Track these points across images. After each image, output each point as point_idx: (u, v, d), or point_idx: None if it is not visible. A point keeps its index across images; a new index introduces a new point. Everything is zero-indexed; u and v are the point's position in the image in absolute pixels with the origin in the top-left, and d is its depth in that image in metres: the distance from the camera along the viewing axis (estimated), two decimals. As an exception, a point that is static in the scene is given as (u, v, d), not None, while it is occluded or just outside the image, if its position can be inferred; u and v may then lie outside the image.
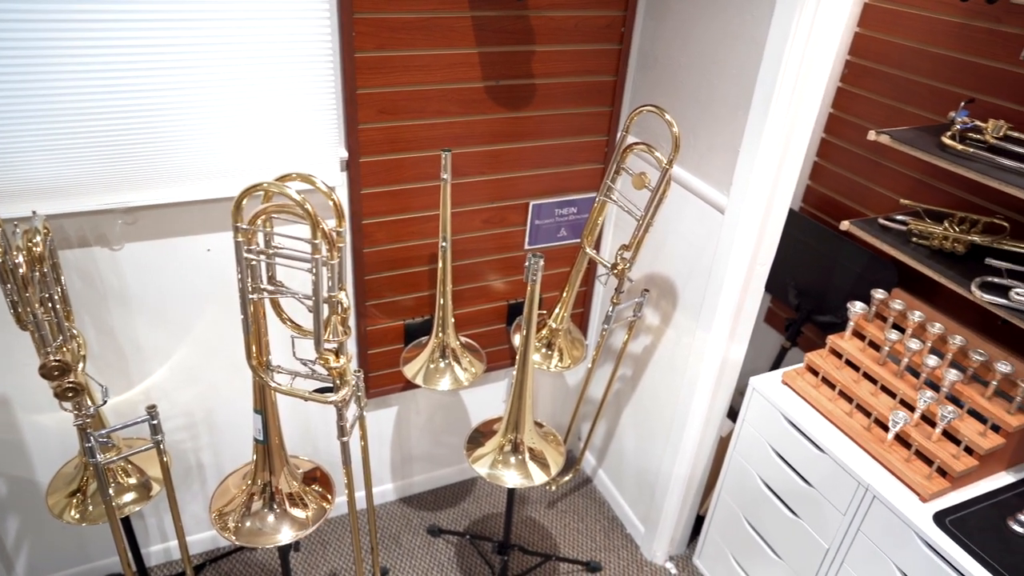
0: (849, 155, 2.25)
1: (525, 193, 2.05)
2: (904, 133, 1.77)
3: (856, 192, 2.25)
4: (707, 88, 1.73)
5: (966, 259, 1.74)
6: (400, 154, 1.84)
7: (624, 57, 1.93)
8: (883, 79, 2.10)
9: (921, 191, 2.03)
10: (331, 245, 1.23)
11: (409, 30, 1.68)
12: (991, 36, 1.79)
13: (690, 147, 1.83)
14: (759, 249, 1.72)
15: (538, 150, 1.98)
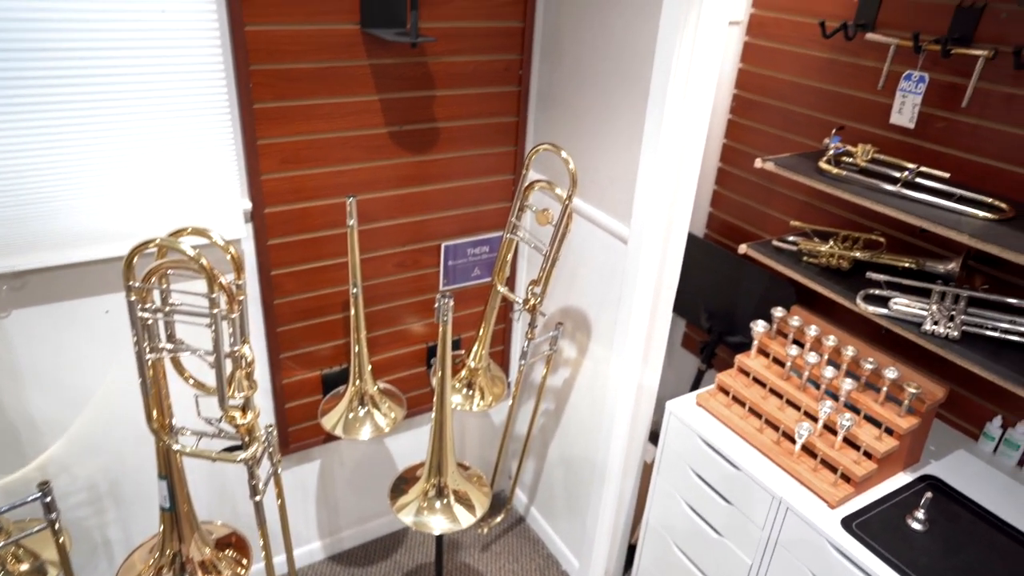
0: (744, 182, 2.38)
1: (437, 235, 2.06)
2: (787, 160, 1.89)
3: (753, 216, 2.38)
4: (603, 125, 1.80)
5: (851, 274, 1.86)
6: (307, 202, 1.82)
7: (524, 98, 2.00)
8: (767, 110, 2.24)
9: (809, 213, 2.17)
10: (230, 299, 1.21)
11: (308, 80, 1.69)
12: (854, 70, 1.96)
13: (592, 181, 1.89)
14: (663, 276, 1.79)
15: (447, 192, 2.01)
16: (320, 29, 1.65)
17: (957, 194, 1.65)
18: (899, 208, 1.60)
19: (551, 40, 1.93)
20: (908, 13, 1.80)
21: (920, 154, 1.85)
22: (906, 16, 1.81)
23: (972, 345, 1.57)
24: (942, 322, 1.61)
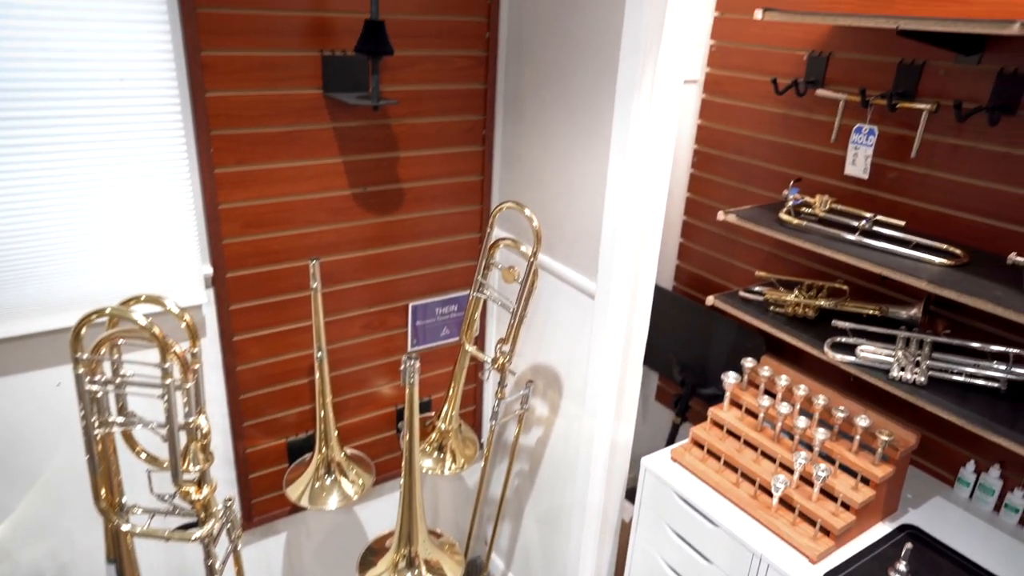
0: (709, 235, 2.41)
1: (405, 295, 2.04)
2: (748, 212, 1.92)
3: (720, 268, 2.40)
4: (567, 182, 1.82)
5: (817, 322, 1.88)
6: (270, 266, 1.80)
7: (488, 157, 2.02)
8: (727, 164, 2.29)
9: (774, 263, 2.20)
10: (185, 368, 1.16)
11: (271, 144, 1.69)
12: (808, 124, 2.02)
13: (558, 237, 1.90)
14: (631, 330, 1.78)
15: (414, 252, 2.00)
16: (283, 94, 1.66)
17: (914, 241, 1.69)
18: (859, 256, 1.63)
19: (513, 101, 1.96)
20: (855, 70, 1.87)
21: (876, 203, 1.89)
22: (853, 73, 1.88)
23: (939, 390, 1.58)
24: (909, 368, 1.61)
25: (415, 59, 1.79)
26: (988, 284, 1.48)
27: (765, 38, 2.10)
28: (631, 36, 1.49)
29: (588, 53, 1.65)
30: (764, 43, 2.11)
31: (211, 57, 1.54)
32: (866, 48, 1.85)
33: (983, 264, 1.59)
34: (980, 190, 1.67)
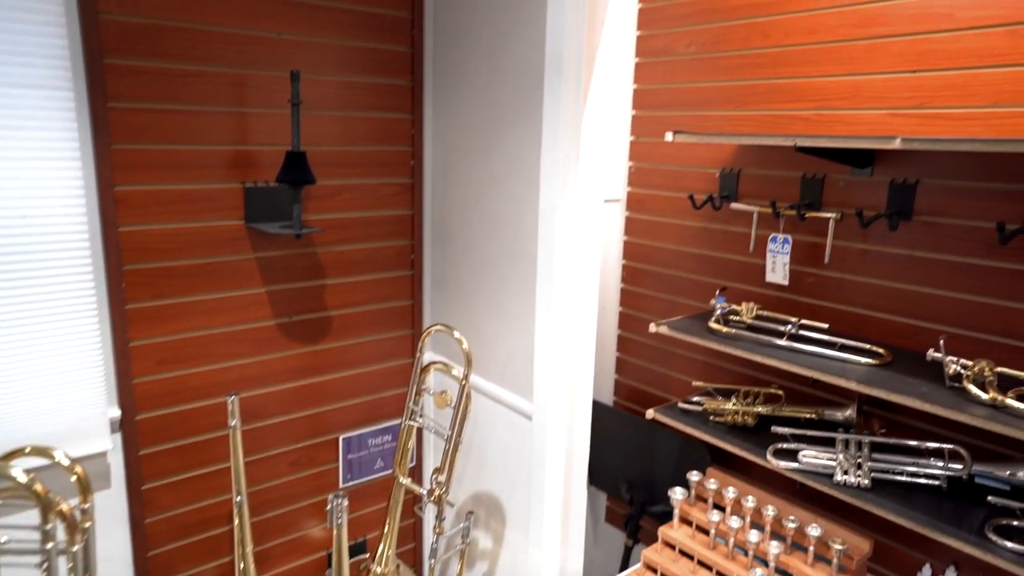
0: (644, 347, 2.42)
1: (335, 427, 1.94)
2: (679, 323, 1.95)
3: (658, 380, 2.40)
4: (497, 302, 1.81)
5: (758, 429, 1.86)
6: (186, 404, 1.68)
7: (418, 281, 2.01)
8: (655, 277, 2.35)
9: (709, 371, 2.20)
10: (72, 528, 1.04)
11: (189, 276, 1.63)
12: (727, 236, 2.10)
13: (491, 358, 1.86)
14: (572, 450, 1.72)
15: (344, 381, 1.92)
16: (202, 226, 1.62)
17: (838, 343, 1.72)
18: (790, 361, 1.64)
19: (441, 224, 1.98)
20: (764, 184, 1.99)
21: (799, 308, 1.95)
22: (763, 186, 1.99)
23: (884, 492, 1.55)
24: (852, 471, 1.59)
25: (341, 188, 1.80)
26: (913, 381, 1.50)
27: (679, 158, 2.22)
28: (549, 159, 1.54)
29: (510, 176, 1.70)
30: (678, 163, 2.23)
31: (125, 192, 1.51)
32: (771, 164, 1.97)
33: (906, 361, 1.62)
34: (892, 290, 1.74)
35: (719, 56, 2.06)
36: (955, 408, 1.36)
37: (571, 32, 1.47)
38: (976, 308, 1.60)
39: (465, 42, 1.83)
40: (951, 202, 1.62)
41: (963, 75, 1.57)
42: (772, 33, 1.92)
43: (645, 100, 2.31)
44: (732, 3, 2.01)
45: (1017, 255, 1.53)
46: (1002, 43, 1.51)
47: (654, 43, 2.25)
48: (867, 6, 1.72)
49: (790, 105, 1.90)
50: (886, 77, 1.70)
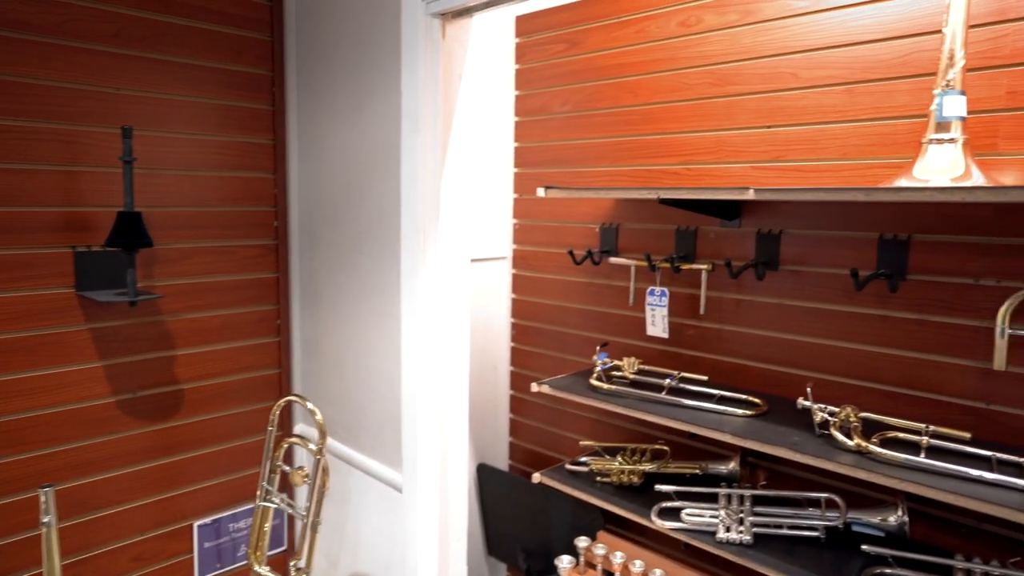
0: (536, 407, 2.35)
1: (189, 512, 1.75)
2: (561, 381, 1.89)
3: (551, 440, 2.32)
4: (366, 367, 1.70)
5: (644, 488, 1.80)
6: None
7: (286, 348, 1.87)
8: (543, 334, 2.30)
9: (600, 429, 2.15)
10: None
11: (9, 352, 1.45)
12: (609, 290, 2.09)
13: (362, 428, 1.74)
14: (448, 524, 1.60)
15: (199, 460, 1.75)
16: (24, 296, 1.46)
17: (717, 395, 1.70)
18: (669, 416, 1.60)
19: (310, 287, 1.87)
20: (643, 237, 1.99)
21: (680, 360, 1.93)
22: (641, 240, 2.00)
23: (767, 547, 1.51)
24: (733, 528, 1.55)
25: (193, 251, 1.67)
26: (786, 431, 1.49)
27: (560, 214, 2.22)
28: (408, 218, 1.47)
29: (374, 236, 1.62)
30: (560, 219, 2.22)
31: (-76, 260, 1.34)
32: (648, 218, 1.98)
33: (781, 410, 1.61)
34: (766, 339, 1.75)
35: (592, 114, 2.09)
36: (824, 457, 1.34)
37: (425, 89, 1.43)
38: (841, 353, 1.62)
39: (329, 99, 1.77)
40: (812, 251, 1.65)
41: (811, 130, 1.63)
42: (640, 92, 1.97)
43: (526, 158, 2.31)
44: (602, 63, 2.05)
45: (873, 300, 1.56)
46: (842, 100, 1.58)
47: (532, 102, 2.27)
48: (723, 66, 1.78)
49: (660, 160, 1.93)
50: (744, 132, 1.75)
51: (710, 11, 1.79)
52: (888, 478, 1.25)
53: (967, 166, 1.26)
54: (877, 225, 1.55)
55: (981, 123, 1.38)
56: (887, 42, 1.50)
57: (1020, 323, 1.35)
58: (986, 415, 1.42)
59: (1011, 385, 1.38)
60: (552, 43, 2.18)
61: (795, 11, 1.64)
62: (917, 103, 1.47)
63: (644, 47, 1.94)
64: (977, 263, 1.42)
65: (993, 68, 1.36)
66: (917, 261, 1.50)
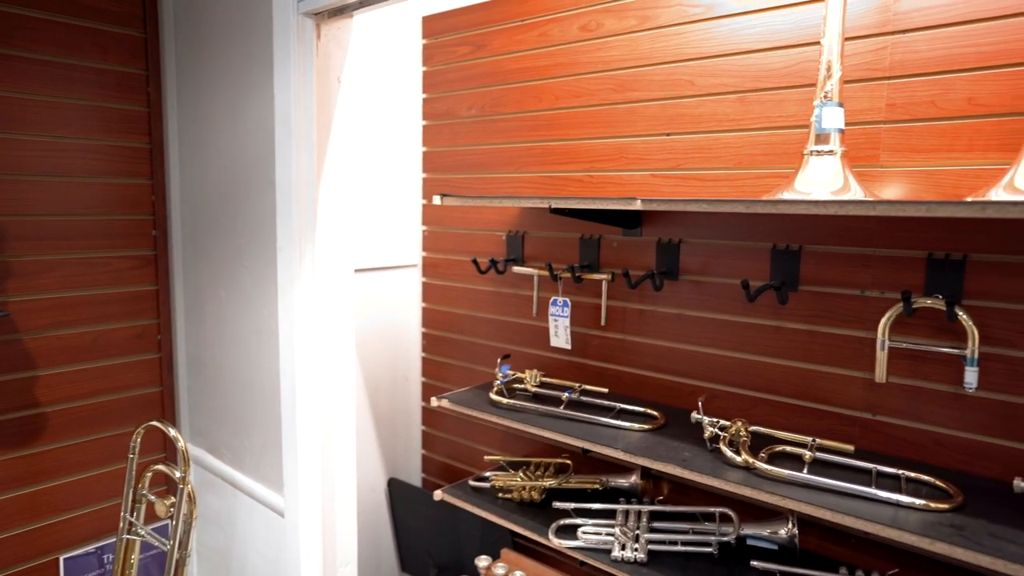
0: (448, 419, 2.29)
1: (54, 545, 1.62)
2: (462, 395, 1.83)
3: (464, 453, 2.26)
4: (250, 385, 1.61)
5: (545, 504, 1.76)
6: None
7: (167, 365, 1.76)
8: (453, 344, 2.24)
9: (511, 442, 2.10)
10: None
11: None
12: (515, 299, 2.04)
13: (246, 449, 1.64)
14: (335, 549, 1.52)
15: (68, 488, 1.62)
16: None
17: (616, 407, 1.67)
18: (565, 432, 1.56)
19: (194, 300, 1.77)
20: (548, 246, 1.95)
21: (585, 371, 1.89)
22: (547, 249, 1.95)
23: (661, 564, 1.48)
24: (629, 545, 1.51)
25: (54, 263, 1.55)
26: (679, 446, 1.46)
27: (468, 221, 2.16)
28: (284, 226, 1.39)
29: (254, 247, 1.53)
30: (468, 226, 2.16)
31: None
32: (552, 226, 1.94)
33: (678, 424, 1.59)
34: (666, 350, 1.73)
35: (498, 118, 2.04)
36: (712, 474, 1.32)
37: (299, 92, 1.35)
38: (739, 364, 1.61)
39: (209, 100, 1.67)
40: (711, 261, 1.64)
41: (708, 139, 1.61)
42: (544, 97, 1.92)
43: (434, 162, 2.24)
44: (507, 67, 2.00)
45: (767, 311, 1.55)
46: (736, 109, 1.56)
47: (439, 105, 2.20)
48: (623, 72, 1.75)
49: (565, 167, 1.89)
50: (644, 140, 1.72)
51: (610, 16, 1.76)
52: (772, 495, 1.23)
53: (846, 178, 1.25)
54: (771, 235, 1.54)
55: (863, 134, 1.38)
56: (777, 51, 1.49)
57: (900, 335, 1.36)
58: (872, 425, 1.42)
59: (894, 396, 1.39)
60: (458, 45, 2.12)
61: (690, 18, 1.62)
62: (806, 113, 1.46)
63: (547, 51, 1.90)
64: (863, 274, 1.41)
65: (874, 80, 1.36)
66: (808, 271, 1.49)
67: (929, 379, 1.34)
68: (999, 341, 1.26)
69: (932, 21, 1.29)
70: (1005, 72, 1.23)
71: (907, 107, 1.33)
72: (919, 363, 1.35)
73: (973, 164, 1.27)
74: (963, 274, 1.29)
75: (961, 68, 1.27)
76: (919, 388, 1.36)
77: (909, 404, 1.37)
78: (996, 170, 1.24)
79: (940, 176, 1.30)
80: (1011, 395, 1.26)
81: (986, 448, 1.29)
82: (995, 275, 1.26)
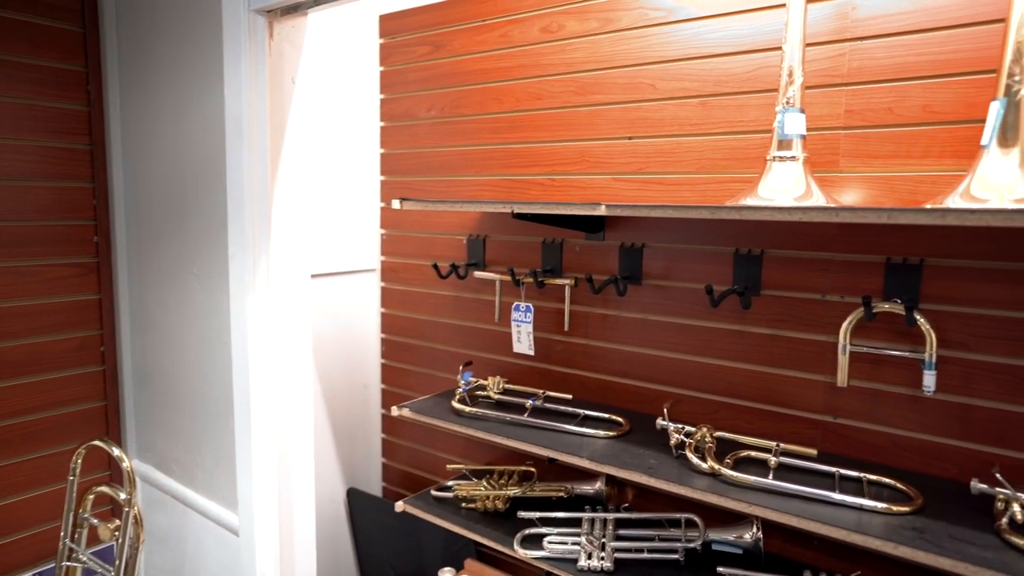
0: (409, 427, 2.24)
1: (-9, 572, 1.52)
2: (422, 403, 1.79)
3: (425, 461, 2.21)
4: (200, 396, 1.54)
5: (510, 513, 1.73)
6: None
7: (112, 378, 1.67)
8: (414, 350, 2.19)
9: (473, 449, 2.06)
10: None
11: None
12: (477, 304, 2.00)
13: (199, 465, 1.57)
14: (293, 567, 1.47)
15: (2, 511, 1.52)
16: None
17: (581, 414, 1.65)
18: (528, 440, 1.53)
19: (140, 309, 1.68)
20: (510, 250, 1.92)
21: (549, 377, 1.87)
22: (509, 253, 1.92)
23: (627, 573, 1.47)
24: (595, 554, 1.50)
25: (-14, 271, 1.45)
26: (644, 453, 1.45)
27: (427, 225, 2.11)
28: (236, 233, 1.33)
29: (204, 252, 1.46)
30: (428, 230, 2.11)
31: None
32: (513, 230, 1.91)
33: (644, 430, 1.58)
34: (631, 355, 1.72)
35: (458, 120, 2.00)
36: (678, 482, 1.31)
37: (252, 92, 1.29)
38: (703, 369, 1.60)
39: (155, 100, 1.59)
40: (674, 265, 1.63)
41: (670, 142, 1.61)
42: (505, 99, 1.89)
43: (393, 165, 2.19)
44: (467, 68, 1.96)
45: (730, 316, 1.55)
46: (698, 113, 1.56)
47: (397, 106, 2.15)
48: (585, 74, 1.73)
49: (527, 170, 1.87)
50: (606, 143, 1.71)
51: (572, 17, 1.74)
52: (739, 502, 1.23)
53: (808, 184, 1.25)
54: (733, 240, 1.54)
55: (823, 140, 1.39)
56: (738, 56, 1.49)
57: (861, 338, 1.37)
58: (833, 428, 1.44)
59: (855, 399, 1.40)
60: (417, 45, 2.07)
61: (652, 21, 1.61)
62: (767, 118, 1.46)
63: (508, 52, 1.87)
64: (823, 279, 1.42)
65: (833, 86, 1.37)
66: (770, 276, 1.50)
67: (889, 382, 1.36)
68: (955, 344, 1.28)
69: (889, 29, 1.31)
70: (959, 80, 1.25)
71: (865, 114, 1.34)
72: (879, 367, 1.37)
73: (929, 171, 1.29)
74: (920, 279, 1.31)
75: (917, 76, 1.29)
76: (879, 391, 1.37)
77: (869, 407, 1.39)
78: (951, 177, 1.26)
79: (897, 182, 1.32)
80: (967, 397, 1.28)
81: (944, 449, 1.31)
82: (951, 279, 1.28)
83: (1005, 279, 1.23)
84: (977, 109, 1.23)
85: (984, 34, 1.22)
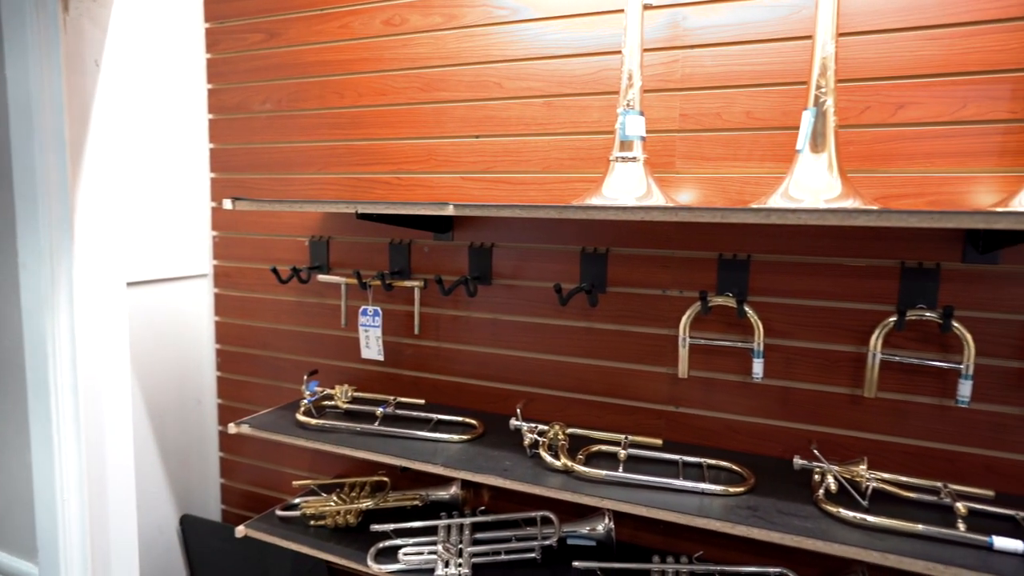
0: (250, 443, 2.08)
1: None
2: (263, 418, 1.66)
3: (270, 479, 2.06)
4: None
5: (364, 527, 1.65)
6: None
7: None
8: (255, 361, 2.03)
9: (322, 461, 1.95)
10: None
11: None
12: (322, 309, 1.89)
13: (-12, 510, 1.34)
14: (111, 617, 1.30)
15: None
16: None
17: (434, 419, 1.61)
18: (379, 450, 1.46)
19: (-97, 329, 1.40)
20: (356, 252, 1.83)
21: (400, 382, 1.81)
22: (355, 255, 1.83)
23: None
24: (452, 562, 1.46)
25: None
26: (499, 455, 1.43)
27: (265, 226, 1.97)
28: (29, 241, 1.14)
29: (-12, 260, 1.25)
30: (266, 231, 1.97)
31: None
32: (359, 231, 1.83)
33: (498, 431, 1.57)
34: (482, 356, 1.70)
35: (297, 115, 1.88)
36: (532, 482, 1.30)
37: (43, 77, 1.11)
38: (554, 367, 1.62)
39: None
40: (523, 264, 1.63)
41: (516, 142, 1.60)
42: (346, 93, 1.80)
43: (225, 161, 2.01)
44: (305, 59, 1.85)
45: (579, 313, 1.58)
46: (543, 113, 1.57)
47: (228, 97, 1.98)
48: (430, 70, 1.68)
49: (372, 168, 1.79)
50: (453, 141, 1.68)
51: (415, 11, 1.69)
52: (592, 497, 1.24)
53: (648, 185, 1.30)
54: (580, 238, 1.57)
55: (661, 142, 1.45)
56: (580, 58, 1.52)
57: (699, 331, 1.45)
58: (676, 418, 1.51)
59: (694, 389, 1.48)
60: (249, 32, 1.92)
61: (496, 19, 1.60)
62: (608, 119, 1.50)
63: (349, 44, 1.78)
64: (663, 275, 1.49)
65: (668, 91, 1.43)
66: (615, 273, 1.54)
67: (722, 371, 1.45)
68: (779, 333, 1.39)
69: (715, 39, 1.39)
70: (776, 90, 1.35)
71: (697, 118, 1.42)
72: (714, 357, 1.45)
73: (753, 172, 1.38)
74: (748, 273, 1.41)
75: (741, 84, 1.38)
76: (714, 380, 1.46)
77: (706, 395, 1.47)
78: (771, 178, 1.36)
79: (726, 183, 1.40)
80: (788, 381, 1.39)
81: (770, 430, 1.42)
82: (774, 273, 1.39)
83: (820, 272, 1.35)
84: (792, 117, 1.33)
85: (796, 49, 1.33)
